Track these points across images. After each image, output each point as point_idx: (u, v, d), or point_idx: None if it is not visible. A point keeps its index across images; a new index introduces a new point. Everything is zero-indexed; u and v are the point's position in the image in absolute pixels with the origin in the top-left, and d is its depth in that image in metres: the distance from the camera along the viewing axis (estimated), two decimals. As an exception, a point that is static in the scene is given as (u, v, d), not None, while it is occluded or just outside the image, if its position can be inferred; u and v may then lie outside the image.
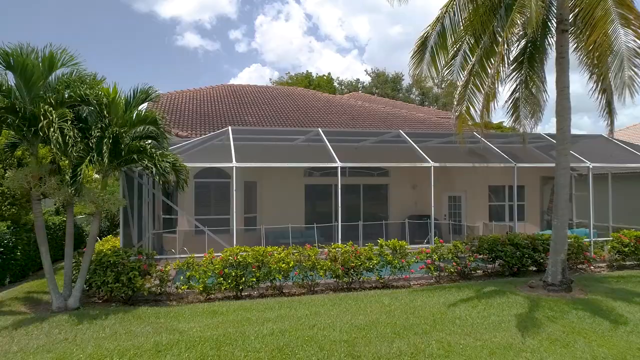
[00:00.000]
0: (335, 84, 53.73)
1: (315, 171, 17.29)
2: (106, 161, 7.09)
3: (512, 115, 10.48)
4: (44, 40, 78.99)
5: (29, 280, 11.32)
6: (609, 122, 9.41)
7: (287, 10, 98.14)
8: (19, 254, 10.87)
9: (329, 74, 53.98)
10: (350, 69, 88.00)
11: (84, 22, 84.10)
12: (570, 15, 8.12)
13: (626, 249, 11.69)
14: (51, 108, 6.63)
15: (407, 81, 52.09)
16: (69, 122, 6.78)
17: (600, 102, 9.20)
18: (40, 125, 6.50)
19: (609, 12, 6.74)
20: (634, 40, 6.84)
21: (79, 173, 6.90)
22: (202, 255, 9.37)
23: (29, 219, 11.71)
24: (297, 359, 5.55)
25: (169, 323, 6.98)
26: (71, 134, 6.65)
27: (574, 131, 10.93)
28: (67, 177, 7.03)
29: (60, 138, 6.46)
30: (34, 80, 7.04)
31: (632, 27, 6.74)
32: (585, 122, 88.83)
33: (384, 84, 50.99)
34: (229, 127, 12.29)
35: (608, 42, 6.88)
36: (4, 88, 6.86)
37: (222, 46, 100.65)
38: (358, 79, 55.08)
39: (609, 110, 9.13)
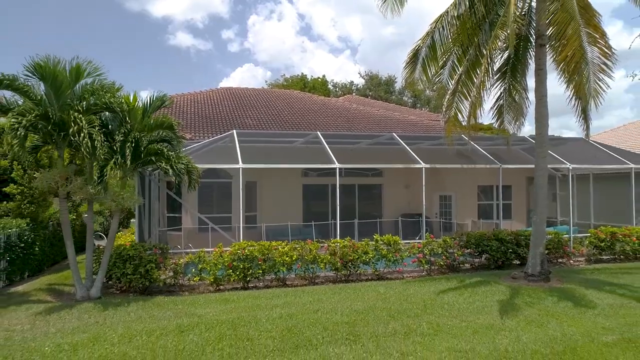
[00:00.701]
0: (330, 86, 54.50)
1: (312, 172, 17.99)
2: (128, 163, 7.78)
3: (497, 120, 11.29)
4: (38, 38, 78.59)
5: (44, 274, 11.94)
6: (585, 127, 10.23)
7: (280, 10, 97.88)
8: (37, 249, 11.50)
9: (324, 76, 54.81)
10: (343, 69, 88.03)
11: (75, 20, 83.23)
12: (548, 31, 8.91)
13: (602, 244, 12.56)
14: (80, 115, 7.30)
15: (399, 84, 53.03)
16: (97, 128, 7.45)
17: (576, 109, 10.02)
18: (71, 130, 7.18)
19: (578, 31, 7.53)
20: (599, 57, 7.64)
21: (105, 173, 7.58)
22: (211, 250, 10.08)
23: (44, 217, 12.34)
24: (304, 337, 6.28)
25: (187, 309, 7.69)
26: (99, 138, 7.32)
27: (565, 132, 11.75)
28: (94, 177, 7.69)
29: (89, 142, 7.14)
30: (62, 89, 7.71)
31: (598, 44, 7.53)
32: (576, 122, 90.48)
33: (377, 87, 51.84)
34: (234, 131, 13.00)
35: (578, 57, 7.68)
36: (37, 97, 7.52)
37: (215, 46, 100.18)
38: (352, 82, 55.90)
39: (585, 117, 9.96)
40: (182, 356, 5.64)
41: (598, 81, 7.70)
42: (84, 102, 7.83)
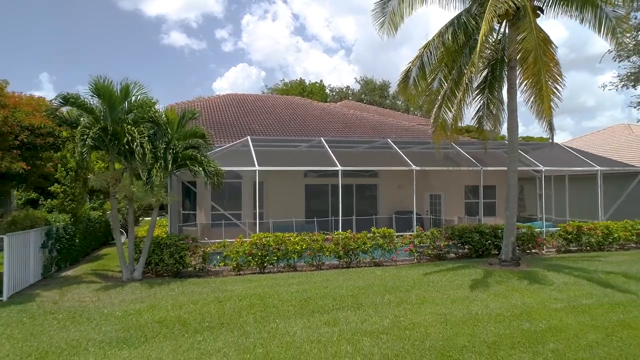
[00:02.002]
0: (327, 90, 56.06)
1: (313, 173, 19.49)
2: (169, 167, 9.26)
3: (477, 129, 12.85)
4: (30, 35, 77.92)
5: (81, 263, 13.35)
6: (551, 136, 11.84)
7: (274, 9, 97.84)
8: (77, 241, 12.94)
9: (321, 81, 56.36)
10: (337, 69, 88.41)
11: (68, 17, 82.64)
12: (518, 56, 10.45)
13: (570, 237, 14.18)
14: (133, 128, 8.77)
15: (393, 88, 54.65)
16: (146, 138, 8.91)
17: (542, 121, 11.59)
18: (125, 140, 8.66)
19: (537, 59, 9.05)
20: (551, 82, 9.16)
21: (152, 175, 9.05)
22: (231, 241, 11.57)
23: (81, 213, 13.76)
24: (318, 305, 7.81)
25: (219, 286, 9.20)
26: (148, 147, 8.80)
27: (557, 132, 13.01)
28: (143, 178, 9.13)
29: (141, 150, 8.61)
30: (115, 105, 9.18)
31: (549, 73, 9.04)
32: (569, 122, 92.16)
33: (372, 91, 53.44)
34: (248, 137, 14.51)
35: (536, 80, 9.22)
36: (97, 113, 8.99)
37: (209, 45, 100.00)
38: (348, 86, 57.50)
39: (550, 128, 11.52)
40: (224, 318, 7.15)
41: (551, 101, 9.21)
42: (132, 116, 9.30)
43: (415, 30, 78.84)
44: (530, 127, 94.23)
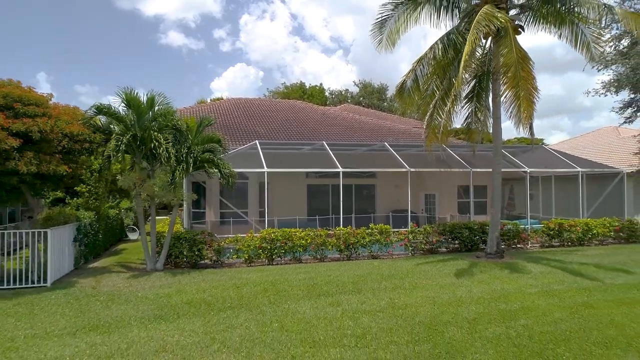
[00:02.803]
0: (327, 93, 57.11)
1: (314, 174, 20.52)
2: (190, 169, 10.29)
3: (466, 134, 13.90)
4: (27, 34, 77.54)
5: (103, 257, 14.36)
6: (531, 140, 12.90)
7: (272, 9, 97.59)
8: (100, 236, 13.96)
9: (321, 84, 57.39)
10: (335, 69, 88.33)
11: (65, 17, 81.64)
12: (501, 70, 11.49)
13: (552, 232, 15.24)
14: (159, 134, 9.80)
15: (391, 91, 55.71)
16: (170, 144, 9.93)
17: (521, 127, 12.64)
18: (152, 145, 9.68)
19: (516, 74, 10.07)
20: (528, 94, 10.18)
21: (175, 176, 10.08)
22: (243, 235, 12.59)
23: (103, 211, 14.78)
24: (323, 290, 8.85)
25: (235, 275, 10.23)
26: (172, 151, 9.82)
27: (555, 132, 14.03)
28: (168, 179, 10.14)
29: (166, 154, 9.64)
30: (142, 114, 10.20)
31: (526, 86, 10.06)
32: (566, 122, 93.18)
33: (371, 94, 54.50)
34: (257, 141, 15.55)
35: (514, 92, 10.26)
36: (127, 121, 10.01)
37: (207, 45, 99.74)
38: (347, 89, 58.55)
39: (531, 133, 12.58)
40: (243, 300, 8.19)
41: (528, 110, 10.22)
42: (156, 124, 10.33)
43: (414, 32, 79.76)
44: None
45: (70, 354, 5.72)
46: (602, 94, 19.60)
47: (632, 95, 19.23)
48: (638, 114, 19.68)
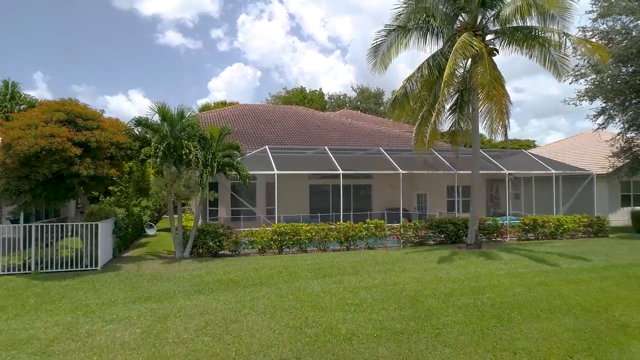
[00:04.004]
0: (326, 97, 58.76)
1: (316, 175, 22.11)
2: (214, 172, 11.91)
3: (451, 142, 15.55)
4: (24, 34, 76.47)
5: (131, 249, 15.94)
6: (505, 145, 14.54)
7: (270, 9, 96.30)
8: (130, 230, 15.55)
9: (320, 89, 59.04)
10: (333, 69, 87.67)
11: (63, 16, 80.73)
12: (478, 88, 13.10)
13: (527, 227, 16.89)
14: (189, 143, 11.41)
15: (387, 96, 57.33)
16: (198, 150, 11.53)
17: (502, 134, 14.29)
18: (183, 152, 11.29)
19: (489, 92, 11.69)
20: (495, 110, 11.80)
21: (203, 178, 11.70)
22: (256, 229, 14.20)
23: (132, 207, 16.36)
24: (327, 272, 10.47)
25: (252, 261, 11.85)
26: (200, 157, 11.43)
27: (552, 132, 15.75)
28: (197, 180, 11.74)
29: (195, 159, 11.25)
30: (173, 125, 11.80)
31: (499, 102, 11.68)
32: (563, 123, 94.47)
33: (368, 99, 56.16)
34: (267, 147, 17.15)
35: (488, 108, 11.89)
36: (163, 132, 11.62)
37: (204, 45, 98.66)
38: (345, 94, 60.22)
39: (506, 139, 14.21)
40: (262, 279, 9.80)
41: (496, 123, 11.86)
42: (185, 133, 11.93)
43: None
44: (525, 127, 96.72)
45: (136, 315, 7.33)
46: (578, 103, 21.20)
47: (604, 105, 20.88)
48: (610, 120, 21.35)
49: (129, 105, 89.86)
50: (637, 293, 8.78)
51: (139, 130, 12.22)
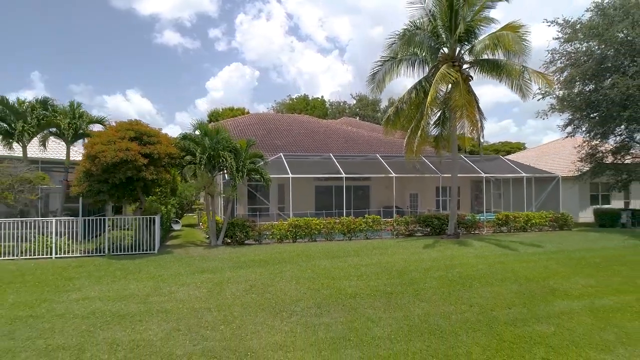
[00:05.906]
0: (327, 105, 61.27)
1: (321, 178, 24.56)
2: (244, 176, 14.41)
3: (435, 150, 18.06)
4: (23, 33, 74.80)
5: (167, 240, 18.37)
6: (480, 151, 17.05)
7: (268, 9, 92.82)
8: (168, 224, 18.02)
9: (322, 96, 61.54)
10: (331, 69, 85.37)
11: (60, 16, 79.60)
12: (455, 108, 15.55)
13: (500, 222, 19.38)
14: (225, 153, 13.89)
15: (384, 103, 59.84)
16: (232, 159, 14.01)
17: (477, 139, 16.75)
18: (220, 160, 13.76)
19: (463, 113, 14.16)
20: (469, 126, 14.28)
21: (236, 181, 14.19)
22: (275, 223, 16.68)
23: (169, 205, 18.81)
24: (335, 254, 12.96)
25: (274, 248, 14.35)
26: (234, 164, 13.91)
27: (549, 132, 18.26)
28: (231, 183, 14.20)
29: (230, 167, 13.74)
30: (212, 139, 14.29)
31: (471, 120, 14.17)
32: (560, 124, 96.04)
33: (366, 106, 58.68)
34: (281, 154, 19.64)
35: (462, 124, 14.41)
36: (204, 144, 14.09)
37: (202, 45, 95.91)
38: (345, 101, 62.73)
39: (480, 147, 16.73)
40: (285, 259, 12.27)
41: (471, 137, 14.36)
42: (220, 145, 14.41)
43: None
44: (522, 127, 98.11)
45: (199, 281, 9.81)
46: (546, 117, 23.66)
47: (570, 117, 23.36)
48: (577, 130, 23.82)
49: (126, 105, 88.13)
50: (571, 269, 11.25)
51: (184, 143, 14.70)
